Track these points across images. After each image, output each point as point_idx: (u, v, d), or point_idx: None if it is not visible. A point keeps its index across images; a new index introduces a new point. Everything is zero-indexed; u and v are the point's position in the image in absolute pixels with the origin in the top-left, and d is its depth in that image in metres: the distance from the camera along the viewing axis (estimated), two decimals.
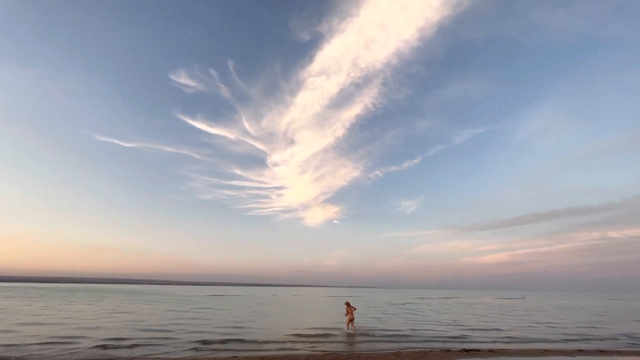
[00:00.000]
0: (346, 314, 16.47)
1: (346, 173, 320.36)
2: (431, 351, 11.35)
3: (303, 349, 11.46)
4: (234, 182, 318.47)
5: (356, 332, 15.34)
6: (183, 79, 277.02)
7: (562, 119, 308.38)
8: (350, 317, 16.10)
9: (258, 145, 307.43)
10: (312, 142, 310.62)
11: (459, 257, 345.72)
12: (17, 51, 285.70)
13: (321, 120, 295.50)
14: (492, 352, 11.26)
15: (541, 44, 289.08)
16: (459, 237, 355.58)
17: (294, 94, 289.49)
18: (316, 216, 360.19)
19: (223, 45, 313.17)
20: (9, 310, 23.54)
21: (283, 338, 13.60)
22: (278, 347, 11.71)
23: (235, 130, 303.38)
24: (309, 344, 12.42)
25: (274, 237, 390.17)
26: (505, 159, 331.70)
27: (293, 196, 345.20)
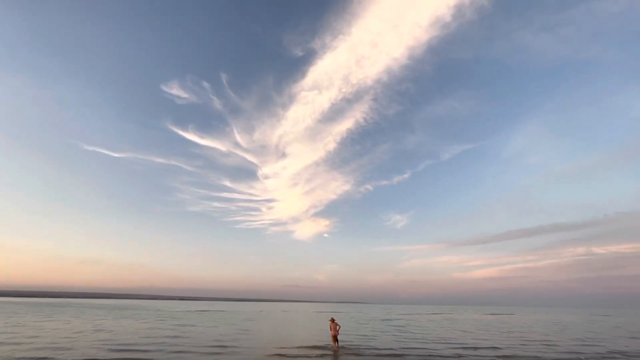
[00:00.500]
0: (331, 330, 16.01)
1: (337, 186, 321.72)
2: None
3: None
4: (224, 194, 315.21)
5: (339, 351, 14.78)
6: (175, 90, 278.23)
7: (546, 137, 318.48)
8: (333, 334, 15.66)
9: (249, 157, 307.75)
10: (304, 155, 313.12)
11: (448, 272, 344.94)
12: (6, 57, 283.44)
13: (313, 133, 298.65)
14: None
15: (525, 65, 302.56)
16: (448, 252, 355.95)
17: (287, 108, 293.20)
18: (306, 229, 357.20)
19: (217, 58, 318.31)
20: None
21: (265, 359, 12.96)
22: None
23: (226, 142, 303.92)
24: None
25: (264, 251, 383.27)
26: (492, 175, 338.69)
27: (283, 209, 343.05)
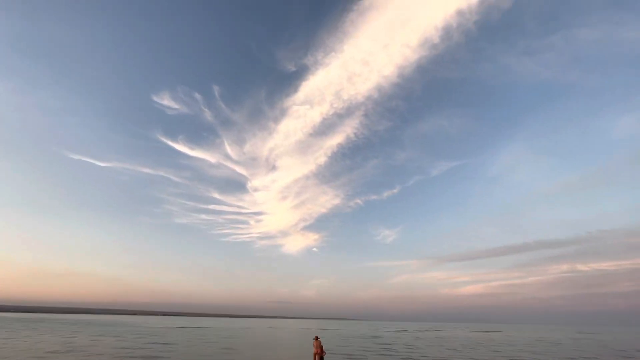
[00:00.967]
0: (314, 348, 15.50)
1: (327, 200, 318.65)
2: None
3: None
4: (212, 207, 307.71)
5: None
6: (166, 101, 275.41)
7: (530, 156, 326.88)
8: (315, 352, 15.19)
9: (239, 169, 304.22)
10: (294, 169, 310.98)
11: (436, 288, 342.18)
12: None
13: (303, 147, 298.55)
14: None
15: (509, 87, 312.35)
16: (436, 268, 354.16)
17: (278, 121, 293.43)
18: (295, 243, 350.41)
19: (210, 70, 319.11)
20: None
21: None
22: None
23: (216, 153, 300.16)
24: None
25: (251, 264, 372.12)
26: (479, 192, 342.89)
27: (272, 222, 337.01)
